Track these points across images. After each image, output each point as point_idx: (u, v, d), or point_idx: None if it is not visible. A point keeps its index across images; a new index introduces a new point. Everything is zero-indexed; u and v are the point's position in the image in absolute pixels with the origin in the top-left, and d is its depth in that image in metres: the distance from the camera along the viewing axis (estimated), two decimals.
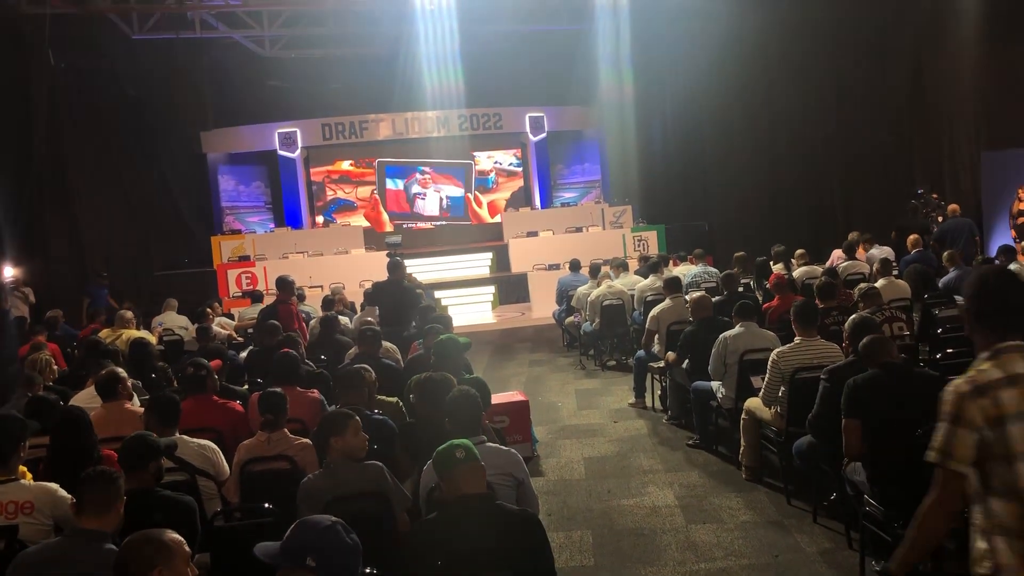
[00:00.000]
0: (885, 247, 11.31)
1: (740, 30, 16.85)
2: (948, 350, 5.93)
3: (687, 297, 8.12)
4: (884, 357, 4.46)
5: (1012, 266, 8.76)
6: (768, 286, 9.09)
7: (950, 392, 2.52)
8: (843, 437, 4.44)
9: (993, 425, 2.43)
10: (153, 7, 16.14)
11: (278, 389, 4.93)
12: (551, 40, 19.23)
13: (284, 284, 9.36)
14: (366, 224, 19.94)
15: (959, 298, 7.92)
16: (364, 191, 20.80)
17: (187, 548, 2.66)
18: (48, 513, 3.80)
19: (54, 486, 3.89)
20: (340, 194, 20.77)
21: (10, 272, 13.95)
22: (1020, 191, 13.73)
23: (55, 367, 7.47)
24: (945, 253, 9.77)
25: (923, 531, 2.58)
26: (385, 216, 20.69)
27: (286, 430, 4.70)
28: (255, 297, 12.20)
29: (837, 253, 11.63)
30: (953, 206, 13.15)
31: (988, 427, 2.43)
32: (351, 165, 20.71)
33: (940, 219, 13.62)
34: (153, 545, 2.58)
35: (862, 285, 7.74)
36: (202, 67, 18.89)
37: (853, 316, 5.26)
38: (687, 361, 7.23)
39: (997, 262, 8.64)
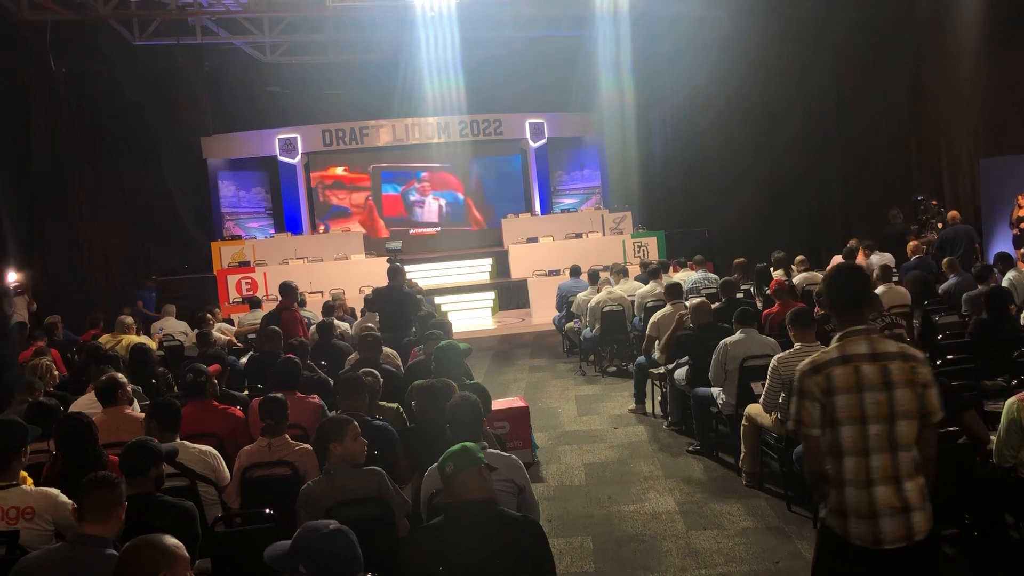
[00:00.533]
0: (886, 254, 11.30)
1: (740, 38, 16.91)
2: (948, 356, 5.92)
3: (687, 303, 8.12)
4: None
5: (1011, 273, 8.78)
6: (768, 292, 9.10)
7: (797, 372, 3.10)
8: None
9: (826, 396, 2.98)
10: (154, 13, 16.16)
11: (279, 395, 4.93)
12: (551, 47, 19.29)
13: (287, 290, 9.36)
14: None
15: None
16: (359, 197, 20.84)
17: (187, 553, 2.66)
18: (49, 519, 3.80)
19: (55, 491, 3.89)
20: (334, 200, 20.80)
21: (13, 276, 14.00)
22: (1020, 197, 13.73)
23: (55, 373, 7.46)
24: (944, 260, 9.78)
25: (811, 478, 3.14)
26: (382, 223, 20.72)
27: (287, 436, 4.71)
28: (253, 303, 12.19)
29: (837, 259, 11.63)
30: (953, 213, 13.16)
31: (824, 397, 2.98)
32: (344, 171, 20.74)
33: (940, 226, 13.63)
34: (155, 550, 2.57)
35: None
36: (203, 73, 18.92)
37: None
38: (687, 368, 7.23)
39: (996, 270, 8.64)
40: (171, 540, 2.63)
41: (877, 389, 2.95)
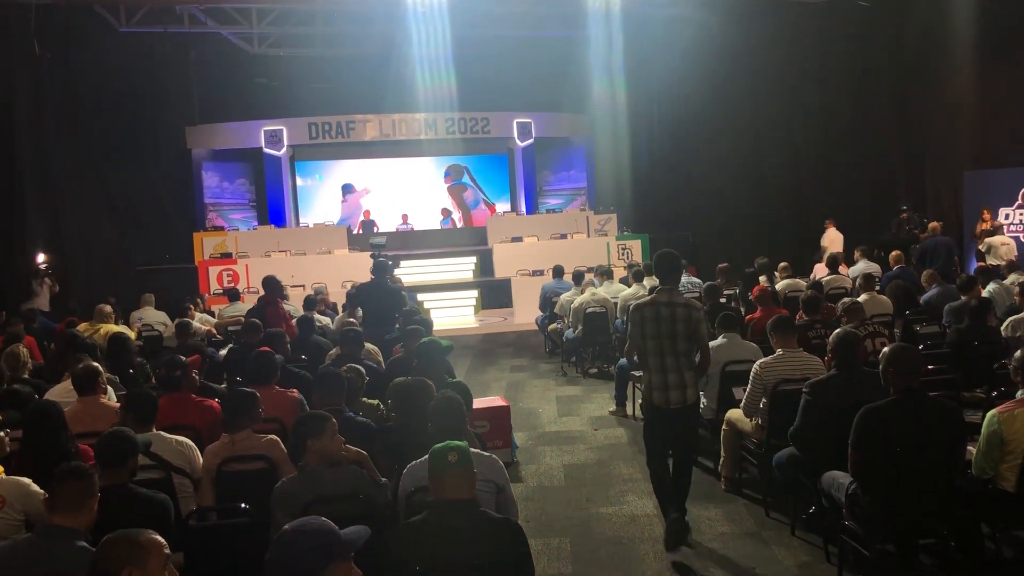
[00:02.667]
0: (873, 263, 11.34)
1: (730, 42, 16.96)
2: (929, 367, 5.92)
3: None
4: (911, 382, 4.25)
5: (991, 285, 8.83)
6: (751, 298, 9.10)
7: (629, 306, 5.50)
8: (849, 463, 4.34)
9: (640, 323, 5.25)
10: (141, 0, 16.01)
11: (246, 390, 4.85)
12: (542, 46, 19.26)
13: (270, 284, 9.29)
14: (348, 224, 19.96)
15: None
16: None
17: (166, 550, 2.59)
18: (19, 508, 3.72)
19: (27, 480, 3.81)
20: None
21: (41, 258, 14.25)
22: (985, 212, 13.84)
23: (30, 360, 7.35)
24: (924, 272, 9.81)
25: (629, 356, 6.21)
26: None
27: (251, 430, 4.62)
28: (232, 295, 12.11)
29: (819, 267, 11.67)
30: (934, 224, 13.24)
31: (640, 324, 5.25)
32: None
33: (921, 236, 13.72)
34: (126, 545, 2.52)
35: (845, 300, 7.76)
36: (189, 62, 18.76)
37: (837, 330, 5.25)
38: None
39: (979, 284, 8.65)
40: (149, 535, 2.57)
41: (667, 321, 5.17)
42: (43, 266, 14.32)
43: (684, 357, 5.17)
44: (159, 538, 2.59)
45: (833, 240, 14.72)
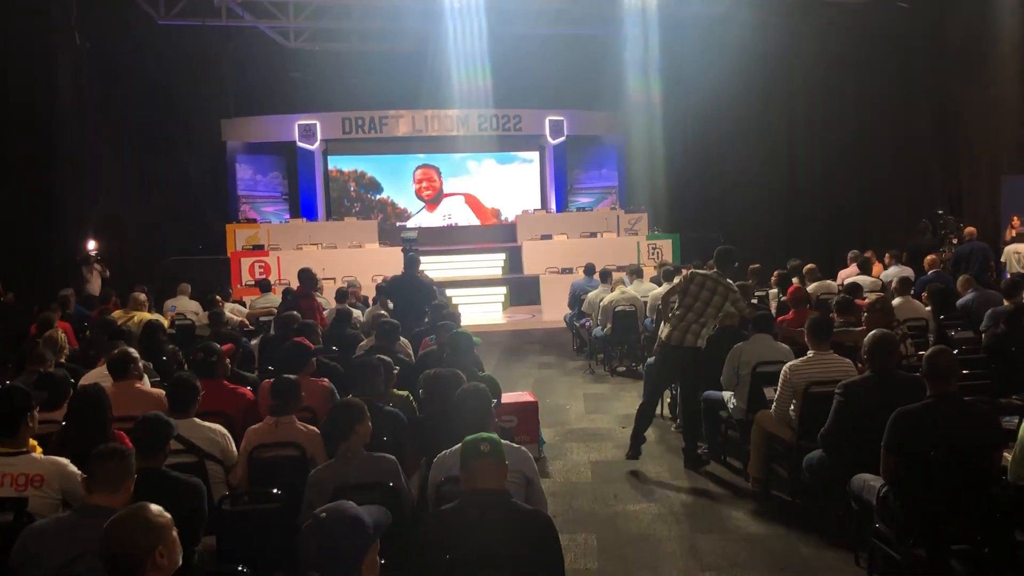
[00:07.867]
0: (906, 267, 11.20)
1: (766, 41, 16.83)
2: (964, 371, 5.84)
3: None
4: (946, 386, 4.22)
5: None
6: (785, 300, 9.02)
7: (681, 278, 7.23)
8: (881, 465, 4.32)
9: (685, 287, 6.81)
10: None
11: (291, 376, 4.91)
12: (576, 44, 19.24)
13: (306, 277, 9.38)
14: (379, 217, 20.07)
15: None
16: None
17: (168, 515, 2.62)
18: (58, 487, 3.79)
19: (65, 460, 3.88)
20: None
21: (91, 244, 14.75)
22: (1014, 218, 13.59)
23: (67, 346, 7.47)
24: (960, 277, 9.65)
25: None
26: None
27: (295, 417, 4.69)
28: (264, 286, 12.21)
29: (846, 272, 11.54)
30: (970, 229, 13.03)
31: (683, 287, 6.85)
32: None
33: (955, 241, 13.52)
34: (144, 527, 2.53)
35: (870, 297, 7.66)
36: (226, 55, 18.94)
37: (873, 332, 5.15)
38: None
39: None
40: (152, 510, 2.60)
41: (707, 290, 6.69)
42: (93, 252, 14.60)
43: (707, 315, 6.72)
44: (159, 507, 2.63)
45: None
